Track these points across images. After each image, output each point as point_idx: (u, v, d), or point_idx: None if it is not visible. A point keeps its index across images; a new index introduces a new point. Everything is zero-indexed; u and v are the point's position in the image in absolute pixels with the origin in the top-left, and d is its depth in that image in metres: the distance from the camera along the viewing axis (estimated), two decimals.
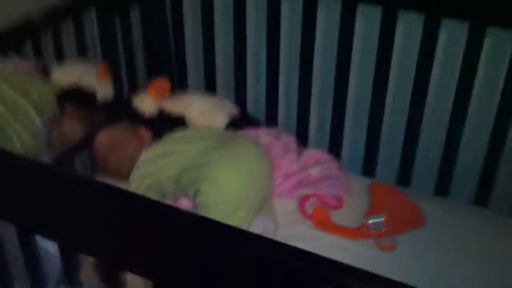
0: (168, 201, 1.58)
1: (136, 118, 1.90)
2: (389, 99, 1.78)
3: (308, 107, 1.92)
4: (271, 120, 2.01)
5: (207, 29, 1.96)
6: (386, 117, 1.81)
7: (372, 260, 1.48)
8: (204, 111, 1.90)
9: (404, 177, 1.84)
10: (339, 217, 1.62)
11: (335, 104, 1.85)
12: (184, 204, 1.56)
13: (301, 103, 1.92)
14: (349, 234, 1.57)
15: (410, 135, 1.77)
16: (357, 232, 1.58)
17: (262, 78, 1.97)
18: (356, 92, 1.86)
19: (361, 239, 1.55)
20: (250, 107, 2.05)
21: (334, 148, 1.91)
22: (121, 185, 1.65)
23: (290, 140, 1.83)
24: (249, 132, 1.84)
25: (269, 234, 1.55)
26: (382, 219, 1.58)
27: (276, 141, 1.79)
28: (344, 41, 1.74)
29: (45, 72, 2.03)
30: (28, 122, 1.83)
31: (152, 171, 1.65)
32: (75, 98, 1.95)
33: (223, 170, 1.54)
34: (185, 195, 1.58)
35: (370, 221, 1.59)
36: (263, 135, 1.82)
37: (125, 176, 1.71)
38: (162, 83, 1.91)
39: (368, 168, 1.89)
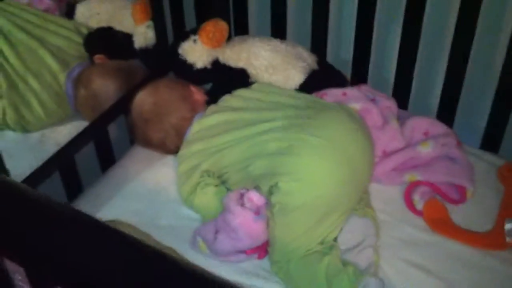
0: (234, 194, 1.15)
1: (184, 71, 1.57)
2: None
3: (413, 62, 1.42)
4: (359, 76, 1.52)
5: None
6: None
7: (510, 281, 1.14)
8: (273, 63, 1.47)
9: None
10: (461, 215, 1.27)
11: (450, 59, 1.36)
12: (255, 200, 1.14)
13: (403, 56, 1.42)
14: (477, 241, 1.22)
15: None
16: (488, 239, 1.22)
17: (349, 21, 1.47)
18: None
19: (494, 250, 1.20)
20: (330, 59, 1.57)
21: (444, 115, 1.44)
22: (167, 161, 1.39)
23: (389, 104, 1.38)
24: (335, 94, 1.39)
25: (368, 243, 1.13)
26: None
27: (372, 107, 1.34)
28: None
29: (68, 11, 1.65)
30: (50, 79, 1.53)
31: (209, 150, 1.25)
32: (106, 44, 1.67)
33: (311, 161, 1.12)
34: (256, 188, 1.16)
35: (509, 226, 1.20)
36: (354, 97, 1.37)
37: (172, 150, 1.38)
38: (218, 26, 1.52)
39: (491, 141, 1.42)
